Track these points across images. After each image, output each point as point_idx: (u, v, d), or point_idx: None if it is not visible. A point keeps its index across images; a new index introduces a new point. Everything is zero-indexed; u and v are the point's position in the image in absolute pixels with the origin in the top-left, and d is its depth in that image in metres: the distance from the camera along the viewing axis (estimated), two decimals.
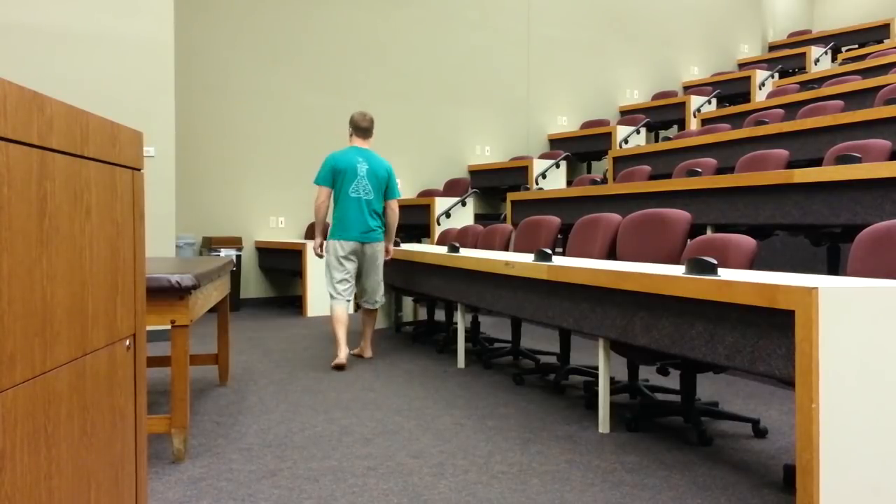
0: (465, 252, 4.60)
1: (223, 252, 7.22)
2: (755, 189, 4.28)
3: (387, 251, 4.85)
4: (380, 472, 2.64)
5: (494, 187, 8.76)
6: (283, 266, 7.45)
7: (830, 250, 4.34)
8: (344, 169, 4.63)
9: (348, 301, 4.71)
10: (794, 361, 1.97)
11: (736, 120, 7.55)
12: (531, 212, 6.15)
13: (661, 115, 9.71)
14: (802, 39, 12.09)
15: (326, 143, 7.50)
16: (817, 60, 10.67)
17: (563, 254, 4.55)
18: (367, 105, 8.27)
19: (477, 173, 8.99)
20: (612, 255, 3.90)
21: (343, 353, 4.50)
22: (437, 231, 7.27)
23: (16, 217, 1.01)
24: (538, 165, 8.26)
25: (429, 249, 5.21)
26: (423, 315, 6.28)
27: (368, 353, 4.84)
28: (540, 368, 4.35)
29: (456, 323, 4.77)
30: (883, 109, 4.92)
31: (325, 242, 4.76)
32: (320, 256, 4.81)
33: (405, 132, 8.68)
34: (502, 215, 7.83)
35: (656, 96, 10.62)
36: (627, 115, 10.10)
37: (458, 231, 6.10)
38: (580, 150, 9.31)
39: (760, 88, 9.77)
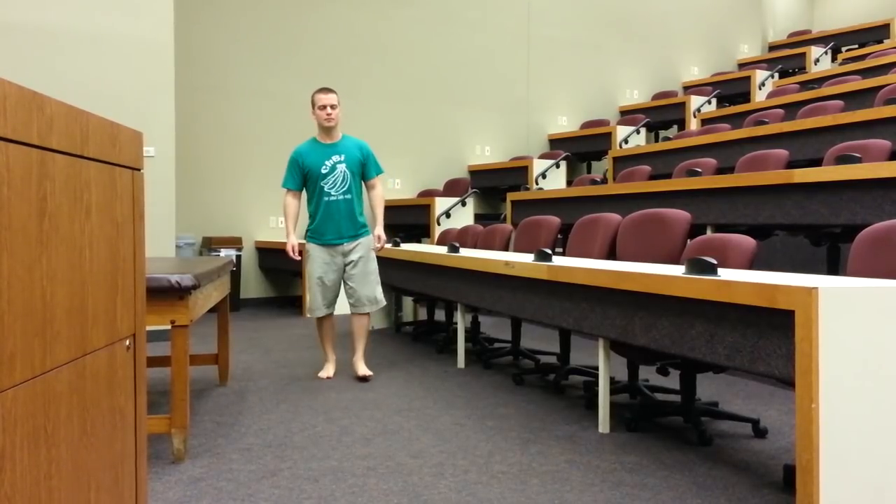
0: (465, 252, 4.60)
1: (223, 252, 7.22)
2: (755, 189, 4.27)
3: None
4: (380, 472, 2.63)
5: (494, 187, 8.75)
6: (283, 266, 7.44)
7: (830, 250, 4.34)
8: None
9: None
10: (794, 361, 1.97)
11: (736, 120, 7.55)
12: (531, 212, 6.14)
13: (661, 115, 9.71)
14: (802, 39, 12.08)
15: None
16: (817, 60, 10.67)
17: (563, 254, 4.55)
18: (367, 105, 8.27)
19: (477, 173, 8.98)
20: (611, 255, 3.90)
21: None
22: (437, 231, 7.26)
23: (16, 217, 1.01)
24: (538, 165, 8.26)
25: (429, 249, 5.20)
26: (423, 315, 6.28)
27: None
28: (540, 368, 4.35)
29: (456, 323, 4.77)
30: (883, 109, 4.92)
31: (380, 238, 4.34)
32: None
33: (405, 132, 8.68)
34: (502, 215, 7.83)
35: (656, 96, 10.61)
36: (627, 115, 10.09)
37: (458, 231, 6.10)
38: (580, 150, 9.31)
39: (760, 88, 9.76)
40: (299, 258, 4.23)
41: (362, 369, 4.22)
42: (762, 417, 3.30)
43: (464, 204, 7.66)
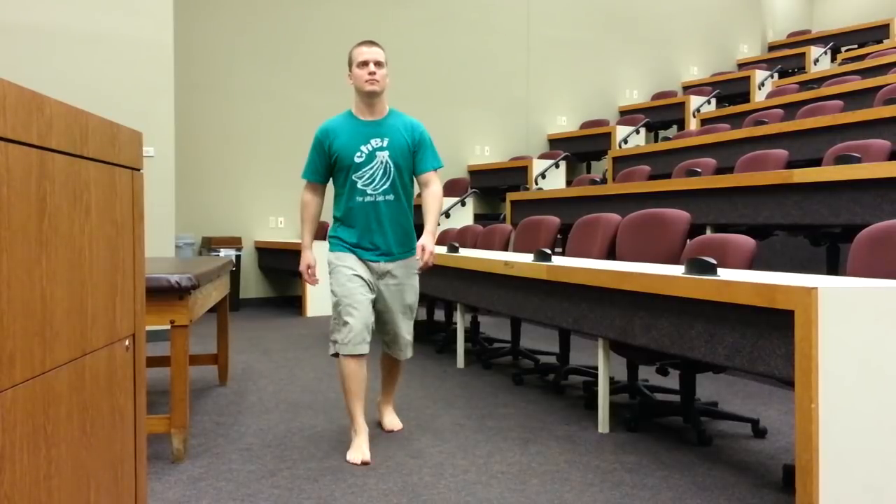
0: (464, 252, 4.60)
1: (223, 252, 7.22)
2: (755, 189, 4.28)
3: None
4: (379, 472, 2.63)
5: (494, 187, 8.76)
6: (282, 266, 7.44)
7: (830, 250, 4.34)
8: None
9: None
10: (794, 361, 1.97)
11: (735, 120, 7.55)
12: (531, 212, 6.14)
13: (661, 115, 9.71)
14: (802, 39, 12.08)
15: None
16: (817, 60, 10.67)
17: (563, 254, 4.55)
18: None
19: (476, 173, 8.98)
20: (611, 255, 3.90)
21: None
22: (437, 231, 7.25)
23: (15, 217, 1.01)
24: (538, 165, 8.26)
25: None
26: (423, 315, 6.28)
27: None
28: (539, 368, 4.35)
29: (455, 323, 4.77)
30: (882, 109, 4.92)
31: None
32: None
33: None
34: (502, 215, 7.83)
35: (656, 96, 10.61)
36: (627, 115, 10.09)
37: (457, 231, 6.10)
38: (580, 150, 9.31)
39: (760, 88, 9.76)
40: (316, 282, 3.03)
41: (391, 420, 3.19)
42: (762, 417, 3.30)
43: (463, 204, 7.66)
